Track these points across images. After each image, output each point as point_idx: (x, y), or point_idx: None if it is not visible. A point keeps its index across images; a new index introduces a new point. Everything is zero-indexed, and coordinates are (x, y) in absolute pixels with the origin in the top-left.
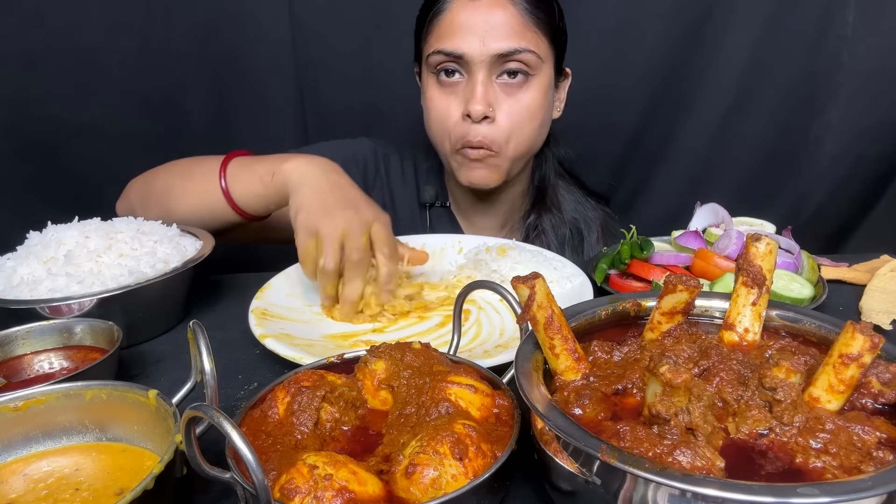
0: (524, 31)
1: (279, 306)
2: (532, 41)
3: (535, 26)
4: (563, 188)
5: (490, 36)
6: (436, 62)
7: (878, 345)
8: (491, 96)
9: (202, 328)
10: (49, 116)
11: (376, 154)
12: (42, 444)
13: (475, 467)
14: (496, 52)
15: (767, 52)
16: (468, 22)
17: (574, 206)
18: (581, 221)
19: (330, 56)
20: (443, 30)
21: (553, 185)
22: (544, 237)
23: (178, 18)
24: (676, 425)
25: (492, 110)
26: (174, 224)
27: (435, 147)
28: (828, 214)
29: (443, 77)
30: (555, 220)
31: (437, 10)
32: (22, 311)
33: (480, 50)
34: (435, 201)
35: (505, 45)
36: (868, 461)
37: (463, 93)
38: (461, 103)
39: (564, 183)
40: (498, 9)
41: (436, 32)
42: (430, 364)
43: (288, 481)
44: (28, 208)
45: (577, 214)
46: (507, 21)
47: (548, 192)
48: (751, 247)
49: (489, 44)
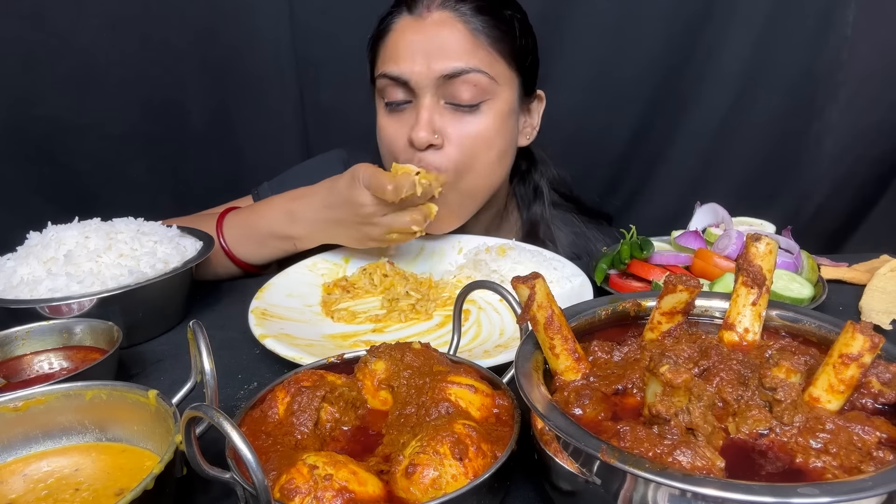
0: (475, 49)
1: (279, 306)
2: (485, 62)
3: (489, 46)
4: (559, 220)
5: (435, 56)
6: (382, 86)
7: (878, 345)
8: (437, 122)
9: (202, 328)
10: (49, 116)
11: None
12: (42, 444)
13: (475, 467)
14: (441, 74)
15: (767, 52)
16: (412, 42)
17: (572, 240)
18: (582, 255)
19: (330, 56)
20: (388, 52)
21: (546, 220)
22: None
23: (178, 18)
24: (676, 425)
25: (437, 137)
26: (174, 224)
27: None
28: (828, 214)
29: (392, 107)
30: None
31: (384, 30)
32: (22, 311)
33: (425, 72)
34: None
35: (451, 66)
36: (868, 461)
37: (410, 120)
38: (407, 130)
39: (560, 212)
40: (444, 27)
41: (382, 55)
42: (430, 364)
43: (288, 481)
44: (28, 208)
45: (576, 248)
46: (456, 39)
47: (540, 228)
48: (751, 247)
49: (433, 65)
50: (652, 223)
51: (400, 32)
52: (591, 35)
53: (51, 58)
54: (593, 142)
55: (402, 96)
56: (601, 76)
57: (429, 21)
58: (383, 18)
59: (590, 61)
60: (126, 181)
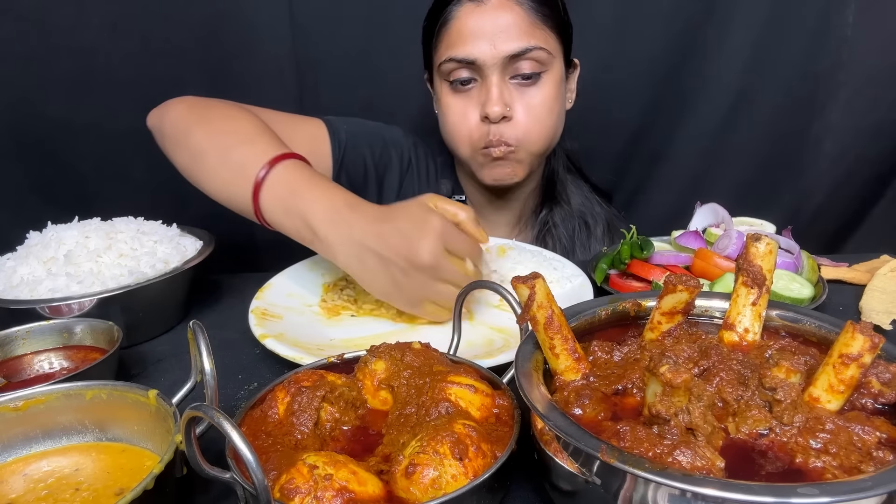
0: (532, 29)
1: (279, 306)
2: (541, 38)
3: (542, 23)
4: (571, 182)
5: (500, 38)
6: (448, 69)
7: (878, 345)
8: (507, 96)
9: (202, 328)
10: (49, 116)
11: (407, 142)
12: (42, 444)
13: (475, 467)
14: (508, 54)
15: (767, 52)
16: (476, 27)
17: (581, 201)
18: (588, 215)
19: (330, 56)
20: (452, 38)
21: (562, 179)
22: (555, 230)
23: (178, 18)
24: (676, 425)
25: (509, 110)
26: (174, 224)
27: (452, 151)
28: (828, 214)
29: (457, 86)
30: (564, 213)
31: (445, 19)
32: (22, 311)
33: (492, 53)
34: (451, 195)
35: (515, 46)
36: (868, 461)
37: (478, 96)
38: (477, 106)
39: (572, 177)
40: (505, 10)
41: (445, 41)
42: (430, 364)
43: (288, 481)
44: (28, 208)
45: (584, 208)
46: (515, 21)
47: (557, 187)
48: (751, 247)
49: (499, 46)
50: (652, 223)
51: (464, 19)
52: (591, 35)
53: (51, 58)
54: (593, 141)
55: (468, 74)
56: (601, 76)
57: (489, 6)
58: (442, 7)
59: (590, 61)
60: (126, 181)
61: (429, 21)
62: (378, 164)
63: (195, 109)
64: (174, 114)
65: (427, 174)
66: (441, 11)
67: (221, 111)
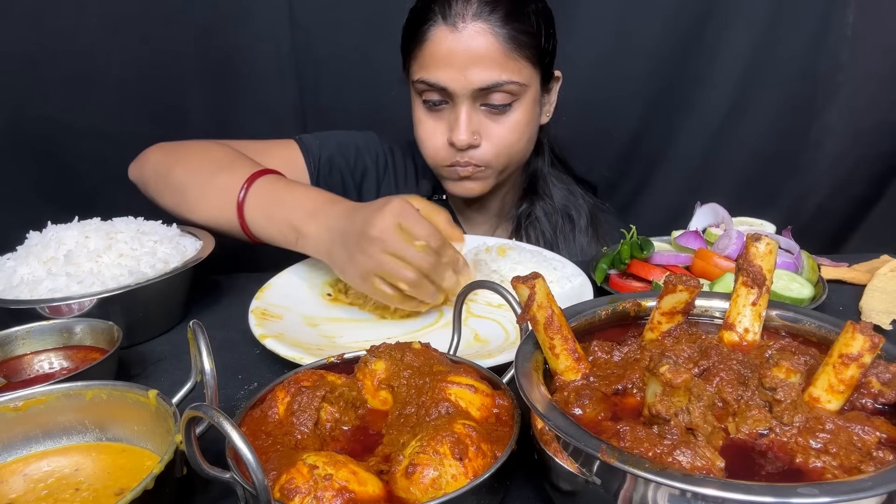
0: (506, 61)
1: (279, 306)
2: (514, 71)
3: (517, 53)
4: (553, 176)
5: (472, 70)
6: (420, 89)
7: (878, 345)
8: (475, 123)
9: (202, 328)
10: (49, 116)
11: (382, 146)
12: (42, 444)
13: (475, 467)
14: (478, 87)
15: (767, 52)
16: (450, 53)
17: (564, 195)
18: (571, 208)
19: (330, 56)
20: (426, 59)
21: (545, 175)
22: (538, 224)
23: (177, 18)
24: (676, 425)
25: (477, 138)
26: (174, 224)
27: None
28: (828, 214)
29: (430, 105)
30: (547, 207)
31: (421, 39)
32: (22, 311)
33: (462, 83)
34: (432, 195)
35: (487, 78)
36: (868, 461)
37: (448, 118)
38: (446, 130)
39: (555, 171)
40: (480, 38)
41: (419, 60)
42: (430, 364)
43: (288, 481)
44: (28, 208)
45: (568, 202)
46: (489, 53)
47: (539, 183)
48: (751, 247)
49: (470, 77)
50: (652, 223)
51: (437, 43)
52: (591, 34)
53: (51, 58)
54: (593, 141)
55: (439, 97)
56: (601, 76)
57: (465, 33)
58: (419, 24)
59: (590, 61)
60: (126, 181)
61: (406, 30)
62: (354, 172)
63: (171, 152)
64: (152, 161)
65: (406, 175)
66: (418, 29)
67: (195, 147)
